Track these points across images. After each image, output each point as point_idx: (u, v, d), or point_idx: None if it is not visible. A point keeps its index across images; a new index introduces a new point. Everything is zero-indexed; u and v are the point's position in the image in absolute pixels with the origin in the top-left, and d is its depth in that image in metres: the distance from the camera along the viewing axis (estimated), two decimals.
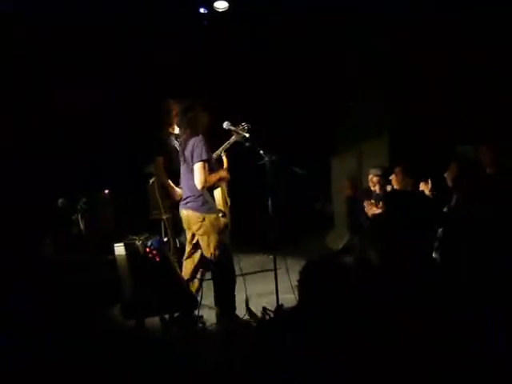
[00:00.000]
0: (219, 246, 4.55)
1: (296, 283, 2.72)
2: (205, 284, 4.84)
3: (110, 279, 4.40)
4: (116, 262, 4.16)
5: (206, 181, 4.50)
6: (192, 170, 4.56)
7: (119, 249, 4.33)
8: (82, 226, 4.99)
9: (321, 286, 2.58)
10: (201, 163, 4.50)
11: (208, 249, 4.60)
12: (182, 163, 4.74)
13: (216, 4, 6.63)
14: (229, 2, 6.56)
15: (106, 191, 6.07)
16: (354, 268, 3.00)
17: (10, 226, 5.21)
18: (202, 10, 6.94)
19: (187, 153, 4.60)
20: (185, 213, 4.71)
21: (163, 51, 7.01)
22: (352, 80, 6.82)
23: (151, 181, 6.02)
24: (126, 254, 4.19)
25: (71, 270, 4.87)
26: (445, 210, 4.99)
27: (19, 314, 4.47)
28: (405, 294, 3.09)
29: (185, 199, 4.72)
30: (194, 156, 4.53)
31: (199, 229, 4.62)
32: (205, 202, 4.61)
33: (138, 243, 4.36)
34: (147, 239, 4.39)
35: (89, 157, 6.19)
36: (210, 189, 4.70)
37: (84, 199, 5.10)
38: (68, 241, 5.33)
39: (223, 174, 4.82)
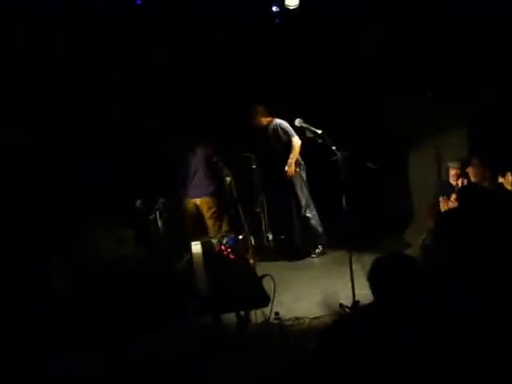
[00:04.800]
0: None
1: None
2: (280, 281, 4.85)
3: (187, 276, 4.53)
4: (193, 260, 4.29)
5: None
6: None
7: (196, 247, 4.46)
8: (160, 226, 5.14)
9: (390, 282, 2.55)
10: None
11: None
12: None
13: (287, 2, 6.63)
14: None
15: None
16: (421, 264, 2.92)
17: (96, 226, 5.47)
18: (274, 9, 6.98)
19: None
20: None
21: (239, 51, 7.09)
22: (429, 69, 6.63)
23: (228, 179, 6.15)
24: (203, 252, 4.31)
25: (150, 267, 5.04)
26: None
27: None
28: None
29: None
30: None
31: None
32: None
33: (214, 241, 4.47)
34: (223, 237, 4.49)
35: (168, 156, 6.34)
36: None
37: (162, 199, 5.26)
38: (146, 240, 5.52)
39: None
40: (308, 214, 6.48)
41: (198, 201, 6.12)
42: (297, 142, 6.33)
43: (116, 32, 6.33)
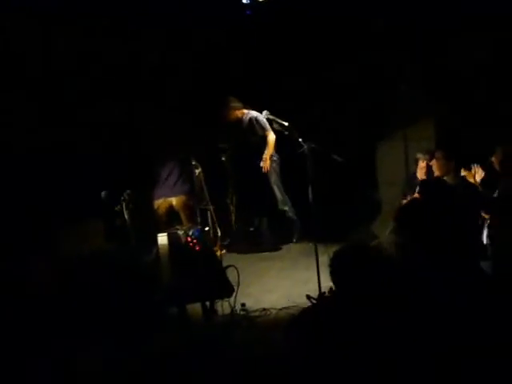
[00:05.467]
0: None
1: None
2: (248, 273, 4.88)
3: (153, 267, 4.52)
4: (159, 251, 4.29)
5: None
6: None
7: (162, 238, 4.45)
8: (126, 217, 5.12)
9: (348, 272, 2.57)
10: None
11: None
12: None
13: None
14: None
15: None
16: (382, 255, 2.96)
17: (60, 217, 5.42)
18: (244, 0, 6.96)
19: None
20: None
21: (208, 41, 7.08)
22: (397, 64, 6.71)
23: (197, 171, 6.13)
24: (169, 243, 4.31)
25: (117, 258, 5.00)
26: (494, 195, 4.86)
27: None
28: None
29: None
30: None
31: None
32: None
33: (180, 233, 4.46)
34: (189, 229, 4.50)
35: (134, 148, 6.31)
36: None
37: (128, 191, 5.23)
38: (112, 232, 5.48)
39: None
40: (285, 208, 6.54)
41: (173, 200, 6.04)
42: (272, 137, 6.36)
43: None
